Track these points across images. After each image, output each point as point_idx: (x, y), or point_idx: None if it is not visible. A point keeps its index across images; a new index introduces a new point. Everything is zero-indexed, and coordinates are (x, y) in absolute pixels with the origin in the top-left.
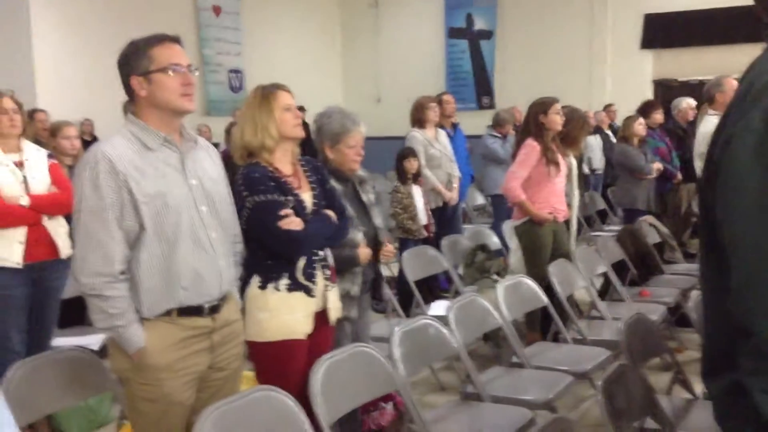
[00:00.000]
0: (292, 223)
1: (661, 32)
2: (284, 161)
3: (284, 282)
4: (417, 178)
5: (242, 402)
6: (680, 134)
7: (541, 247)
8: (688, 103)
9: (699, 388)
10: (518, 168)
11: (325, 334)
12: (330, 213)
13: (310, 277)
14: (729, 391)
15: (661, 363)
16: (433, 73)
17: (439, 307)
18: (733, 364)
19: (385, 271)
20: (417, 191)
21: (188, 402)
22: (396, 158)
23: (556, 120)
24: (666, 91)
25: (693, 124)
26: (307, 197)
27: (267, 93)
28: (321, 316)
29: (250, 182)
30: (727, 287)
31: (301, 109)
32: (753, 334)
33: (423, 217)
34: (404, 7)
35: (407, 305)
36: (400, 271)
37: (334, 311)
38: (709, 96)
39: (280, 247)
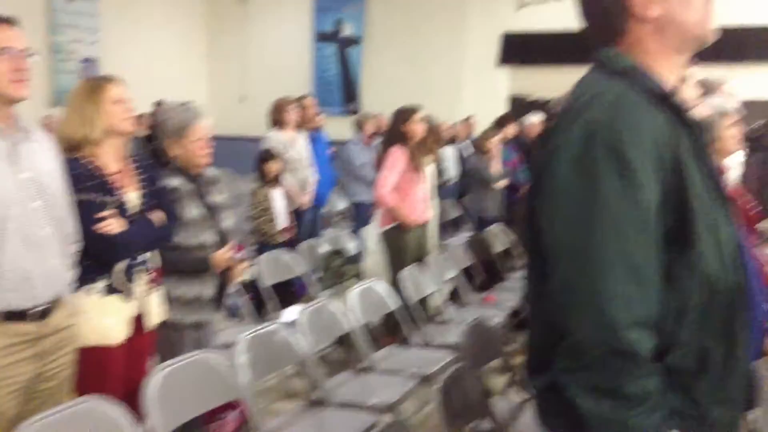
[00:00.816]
0: (110, 225)
1: (518, 51)
2: (110, 157)
3: (100, 285)
4: (278, 180)
5: (65, 414)
6: (528, 148)
7: (406, 252)
8: (536, 118)
9: None
10: (387, 174)
11: (144, 339)
12: (157, 215)
13: (128, 281)
14: (548, 389)
15: (500, 365)
16: (301, 76)
17: (292, 313)
18: (552, 363)
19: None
20: (278, 194)
21: (10, 413)
22: (257, 159)
23: (417, 128)
24: (520, 106)
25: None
26: (133, 197)
27: (96, 84)
28: (141, 321)
29: (68, 180)
30: (548, 291)
31: (160, 104)
32: (568, 334)
33: (283, 220)
34: (273, 6)
35: (263, 311)
36: (256, 276)
37: (154, 316)
38: (552, 113)
39: (97, 250)
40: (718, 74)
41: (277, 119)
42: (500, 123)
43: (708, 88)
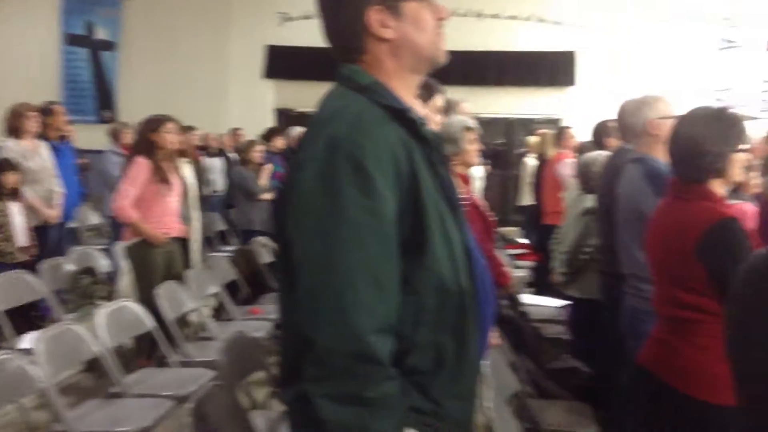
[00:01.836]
0: None
1: (282, 64)
2: None
3: None
4: (16, 193)
5: None
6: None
7: (153, 269)
8: (298, 131)
9: None
10: (128, 186)
11: None
12: None
13: None
14: (297, 400)
15: (264, 377)
16: (48, 81)
17: (31, 339)
18: (301, 374)
19: None
20: (16, 208)
21: None
22: None
23: (168, 138)
24: (287, 119)
25: None
26: None
27: None
28: None
29: None
30: (295, 301)
31: None
32: (313, 344)
33: (22, 238)
34: (16, 5)
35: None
36: None
37: None
38: None
39: None
40: (459, 95)
41: (13, 127)
42: (267, 136)
43: (449, 107)
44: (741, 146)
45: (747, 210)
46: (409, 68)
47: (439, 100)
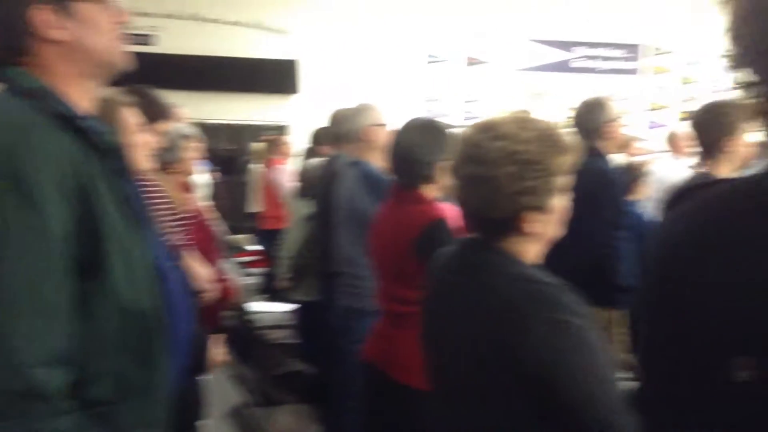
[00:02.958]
0: None
1: None
2: None
3: None
4: None
5: None
6: None
7: None
8: None
9: None
10: None
11: None
12: None
13: None
14: None
15: None
16: None
17: None
18: None
19: None
20: None
21: None
22: None
23: None
24: None
25: None
26: None
27: None
28: None
29: None
30: None
31: None
32: None
33: None
34: None
35: None
36: None
37: None
38: None
39: None
40: (182, 100)
41: None
42: None
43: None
44: (446, 155)
45: (452, 211)
46: (83, 73)
47: (164, 125)
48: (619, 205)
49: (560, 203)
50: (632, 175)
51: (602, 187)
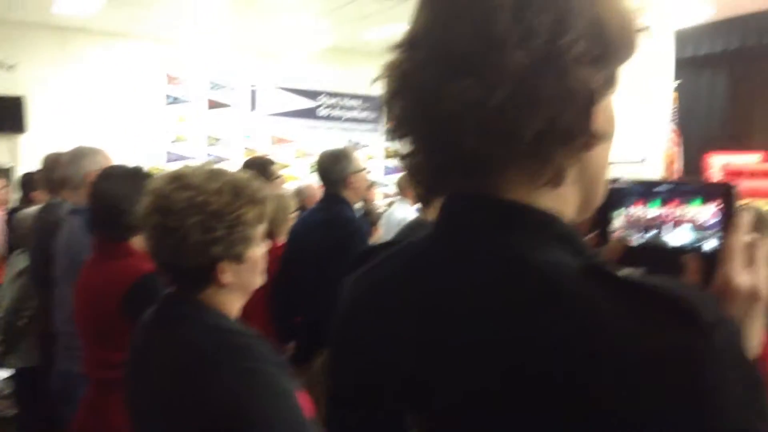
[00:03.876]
0: None
1: None
2: None
3: None
4: None
5: None
6: None
7: None
8: None
9: None
10: None
11: None
12: None
13: None
14: None
15: None
16: None
17: None
18: None
19: None
20: None
21: None
22: None
23: None
24: None
25: None
26: None
27: None
28: None
29: None
30: None
31: None
32: None
33: None
34: None
35: None
36: None
37: None
38: None
39: None
40: None
41: None
42: None
43: None
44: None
45: None
46: None
47: None
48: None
49: (257, 253)
50: (371, 219)
51: (349, 236)
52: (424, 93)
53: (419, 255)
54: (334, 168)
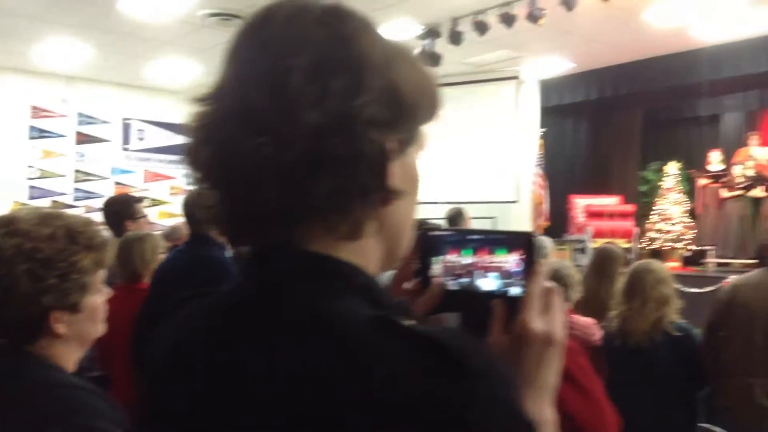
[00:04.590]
0: None
1: None
2: None
3: None
4: None
5: None
6: None
7: None
8: None
9: None
10: None
11: None
12: None
13: None
14: None
15: None
16: None
17: None
18: None
19: None
20: None
21: None
22: None
23: None
24: None
25: None
26: None
27: None
28: None
29: None
30: None
31: None
32: None
33: None
34: None
35: None
36: None
37: None
38: None
39: None
40: None
41: None
42: None
43: None
44: None
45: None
46: None
47: None
48: None
49: (95, 301)
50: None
51: (221, 276)
52: (226, 146)
53: (218, 311)
54: (199, 207)
